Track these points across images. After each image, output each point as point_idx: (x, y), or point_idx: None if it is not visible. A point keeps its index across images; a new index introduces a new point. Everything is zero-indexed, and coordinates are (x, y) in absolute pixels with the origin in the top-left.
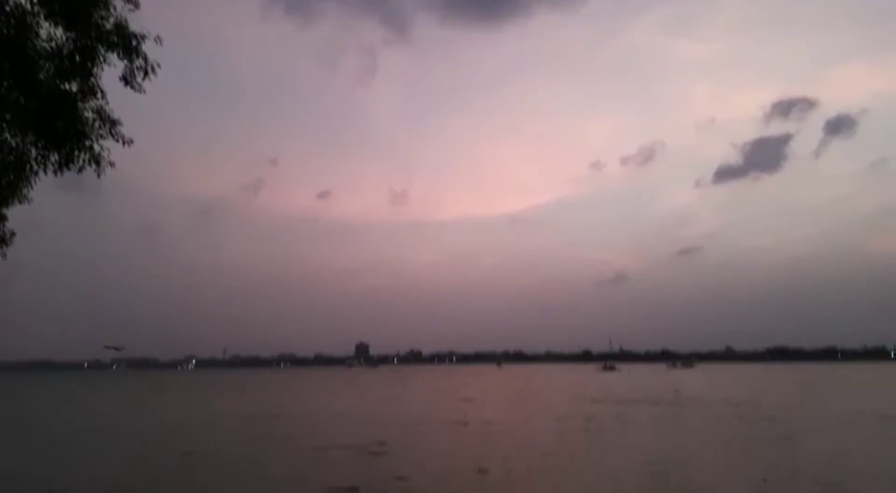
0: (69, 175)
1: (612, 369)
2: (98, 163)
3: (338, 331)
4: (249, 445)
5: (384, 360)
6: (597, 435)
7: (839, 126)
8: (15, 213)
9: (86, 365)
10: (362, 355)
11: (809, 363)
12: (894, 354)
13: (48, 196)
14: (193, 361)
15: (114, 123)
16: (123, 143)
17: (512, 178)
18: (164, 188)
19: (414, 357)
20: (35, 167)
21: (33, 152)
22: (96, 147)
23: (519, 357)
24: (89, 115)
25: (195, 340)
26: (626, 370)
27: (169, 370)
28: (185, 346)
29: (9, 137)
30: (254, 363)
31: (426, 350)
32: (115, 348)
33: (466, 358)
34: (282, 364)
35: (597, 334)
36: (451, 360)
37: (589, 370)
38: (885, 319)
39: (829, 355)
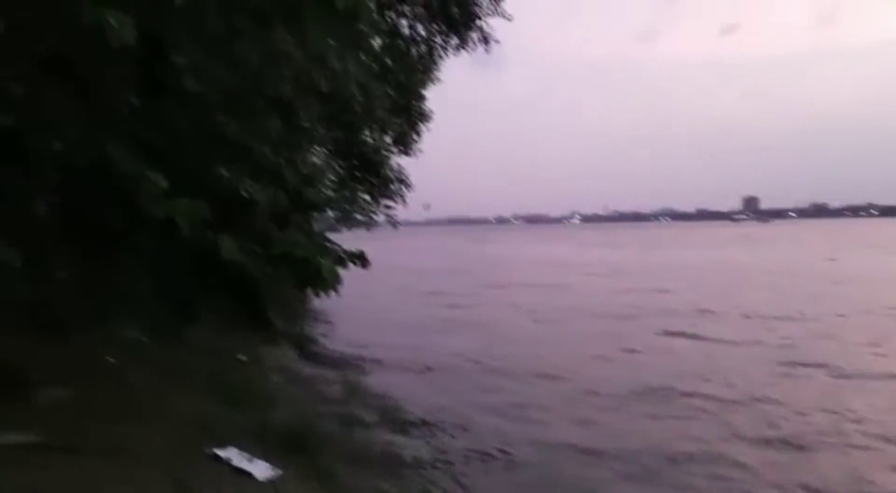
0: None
1: None
2: (487, 41)
3: (722, 183)
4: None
5: (778, 214)
6: None
7: None
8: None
9: (493, 220)
10: (750, 208)
11: None
12: None
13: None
14: (578, 216)
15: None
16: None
17: None
18: (553, 51)
19: (817, 211)
20: (440, 52)
21: (438, 39)
22: (485, 26)
23: None
24: None
25: (579, 196)
26: None
27: (556, 225)
28: (570, 202)
29: (420, 28)
30: (634, 218)
31: (834, 202)
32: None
33: (890, 211)
34: (661, 219)
35: None
36: (867, 212)
37: None
38: None
39: None
